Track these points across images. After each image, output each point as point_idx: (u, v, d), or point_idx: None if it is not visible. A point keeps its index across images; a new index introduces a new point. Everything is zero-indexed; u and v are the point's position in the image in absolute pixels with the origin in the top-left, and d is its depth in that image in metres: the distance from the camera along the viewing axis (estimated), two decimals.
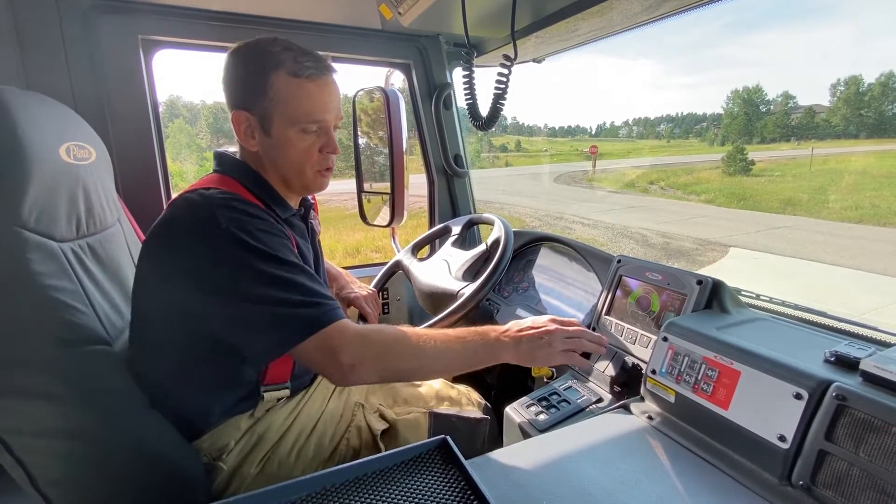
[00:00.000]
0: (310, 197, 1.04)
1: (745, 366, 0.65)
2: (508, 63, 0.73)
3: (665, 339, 0.77)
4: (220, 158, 0.88)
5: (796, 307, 0.91)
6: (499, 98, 0.77)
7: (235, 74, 0.82)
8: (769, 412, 0.61)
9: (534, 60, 1.40)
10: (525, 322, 0.87)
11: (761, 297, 0.96)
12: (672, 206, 18.44)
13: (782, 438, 0.59)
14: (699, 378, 0.70)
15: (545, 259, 1.48)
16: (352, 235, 10.21)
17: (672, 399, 0.74)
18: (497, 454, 0.67)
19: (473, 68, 0.82)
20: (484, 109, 0.95)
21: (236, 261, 0.70)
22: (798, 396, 0.59)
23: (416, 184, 1.69)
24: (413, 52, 1.44)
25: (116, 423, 0.74)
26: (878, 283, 7.46)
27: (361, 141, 1.63)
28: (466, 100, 0.83)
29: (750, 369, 0.65)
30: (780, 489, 0.59)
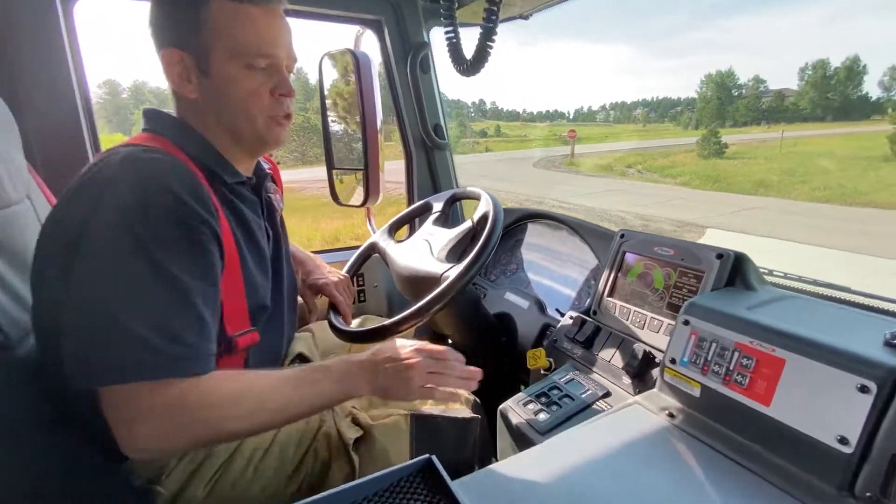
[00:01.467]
0: (266, 165, 0.89)
1: (790, 353, 0.54)
2: None
3: (686, 322, 0.66)
4: (150, 116, 0.73)
5: (815, 283, 0.81)
6: (488, 35, 0.62)
7: (163, 7, 0.68)
8: (825, 409, 0.50)
9: (520, 16, 1.26)
10: (388, 348, 0.74)
11: (775, 273, 0.86)
12: (649, 188, 18.68)
13: (843, 441, 0.48)
14: (731, 368, 0.59)
15: (534, 238, 1.36)
16: (329, 223, 9.96)
17: (697, 393, 0.63)
18: (494, 469, 0.55)
19: (454, 3, 0.66)
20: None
21: (109, 248, 0.57)
22: (863, 389, 0.48)
23: (391, 169, 1.53)
24: (385, 6, 1.27)
25: (18, 443, 0.59)
26: (845, 259, 7.67)
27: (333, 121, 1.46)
28: (448, 36, 0.68)
29: (797, 357, 0.54)
30: (842, 501, 0.48)
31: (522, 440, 0.73)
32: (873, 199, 14.32)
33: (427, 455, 0.46)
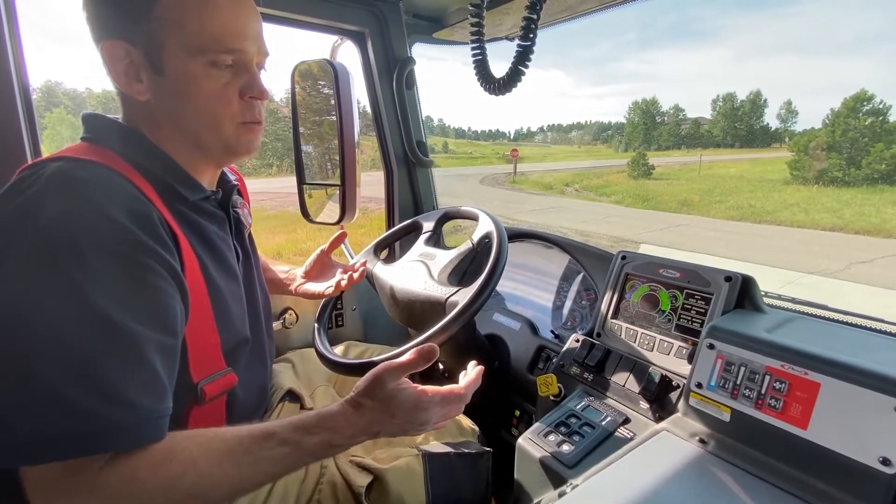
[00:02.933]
0: (233, 177, 0.80)
1: (825, 376, 0.56)
2: (537, 6, 0.57)
3: (711, 346, 0.66)
4: (92, 122, 0.61)
5: (809, 304, 0.86)
6: (525, 54, 0.59)
7: None
8: (865, 431, 0.52)
9: (506, 38, 1.26)
10: (403, 407, 0.59)
11: (770, 294, 0.90)
12: (587, 206, 19.69)
13: (886, 462, 0.50)
14: (763, 392, 0.60)
15: (516, 258, 1.35)
16: (272, 238, 9.51)
17: (727, 417, 0.63)
18: None
19: (482, 18, 0.63)
20: (430, 108, 0.78)
21: (29, 288, 0.45)
22: None
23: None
24: (369, 18, 1.23)
25: None
26: (760, 272, 8.48)
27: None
28: (474, 55, 0.64)
29: (832, 380, 0.55)
30: None
31: (549, 474, 0.70)
32: (777, 218, 16.09)
33: None
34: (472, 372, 0.69)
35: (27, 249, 0.46)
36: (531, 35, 0.58)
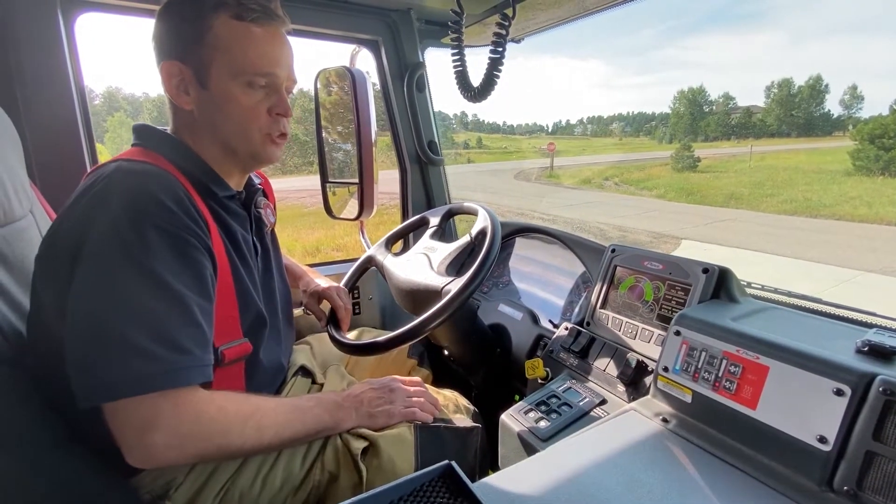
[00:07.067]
0: (258, 181, 0.91)
1: (773, 360, 0.59)
2: (506, 23, 0.64)
3: (678, 332, 0.71)
4: (141, 131, 0.76)
5: (790, 294, 0.87)
6: (495, 64, 0.66)
7: (167, 23, 0.71)
8: (805, 411, 0.55)
9: (513, 40, 1.32)
10: (366, 384, 0.84)
11: (753, 285, 0.92)
12: (626, 200, 19.09)
13: (822, 440, 0.53)
14: (720, 375, 0.64)
15: (525, 251, 1.40)
16: (311, 234, 9.88)
17: (689, 399, 0.67)
18: (505, 474, 0.58)
19: (461, 34, 0.71)
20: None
21: (104, 261, 0.58)
22: (839, 392, 0.53)
23: (385, 179, 1.57)
24: (382, 27, 1.32)
25: (25, 463, 0.59)
26: (812, 270, 8.00)
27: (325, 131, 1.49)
28: (455, 67, 0.72)
29: (780, 364, 0.59)
30: (822, 496, 0.53)
31: (525, 447, 0.76)
32: (836, 212, 14.99)
33: (447, 462, 0.48)
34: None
35: (101, 231, 0.59)
36: (501, 48, 0.64)
